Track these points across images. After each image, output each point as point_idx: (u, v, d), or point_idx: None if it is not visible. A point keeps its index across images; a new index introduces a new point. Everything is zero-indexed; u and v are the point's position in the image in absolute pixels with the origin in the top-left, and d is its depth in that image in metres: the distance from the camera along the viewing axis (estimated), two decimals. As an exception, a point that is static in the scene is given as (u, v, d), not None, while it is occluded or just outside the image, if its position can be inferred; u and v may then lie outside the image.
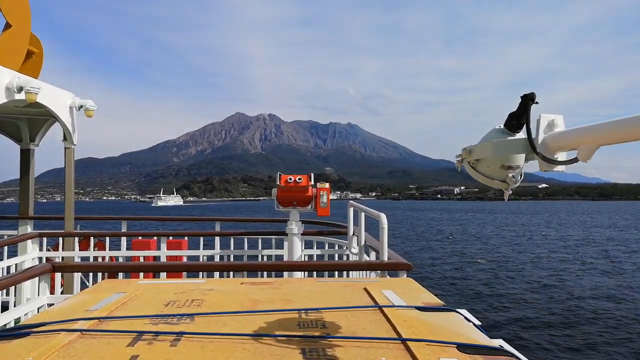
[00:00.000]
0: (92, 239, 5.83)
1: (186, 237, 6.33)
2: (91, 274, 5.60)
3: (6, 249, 5.03)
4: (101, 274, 5.01)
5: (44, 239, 5.56)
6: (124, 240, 5.64)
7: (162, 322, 1.59)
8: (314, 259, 5.46)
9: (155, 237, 6.09)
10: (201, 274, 4.57)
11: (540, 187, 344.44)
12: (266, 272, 4.89)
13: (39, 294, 3.35)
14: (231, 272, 3.59)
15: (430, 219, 73.51)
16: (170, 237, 5.91)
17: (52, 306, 1.89)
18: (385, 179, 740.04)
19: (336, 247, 5.45)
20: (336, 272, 4.47)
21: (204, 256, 5.68)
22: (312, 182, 5.14)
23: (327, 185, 5.22)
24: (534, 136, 1.16)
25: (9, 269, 5.05)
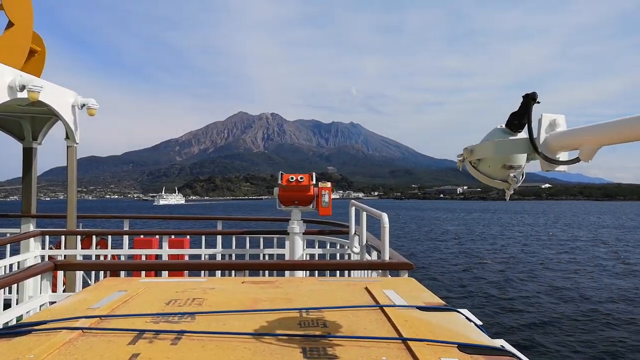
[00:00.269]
0: (94, 237, 5.85)
1: (188, 236, 6.34)
2: (93, 272, 5.62)
3: (9, 247, 5.05)
4: (103, 273, 5.03)
5: (47, 237, 5.58)
6: (125, 238, 5.66)
7: (163, 320, 1.60)
8: (316, 258, 5.46)
9: (157, 236, 6.10)
10: (203, 272, 4.58)
11: (543, 187, 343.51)
12: (268, 271, 4.89)
13: (41, 292, 3.36)
14: (233, 271, 3.60)
15: (434, 219, 73.24)
16: (172, 236, 5.91)
17: (54, 304, 1.90)
18: (387, 179, 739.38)
19: (338, 247, 5.44)
20: (337, 271, 4.47)
21: (205, 255, 5.68)
22: (314, 182, 5.13)
23: (328, 184, 5.22)
24: (535, 136, 1.15)
25: (11, 266, 5.07)
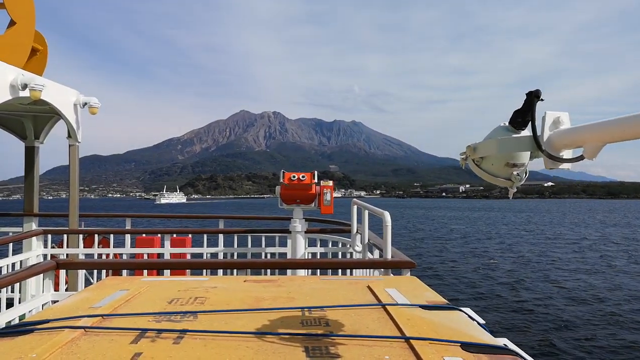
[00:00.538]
0: (96, 236, 5.86)
1: (190, 235, 6.34)
2: (95, 271, 5.64)
3: (11, 245, 5.06)
4: (105, 271, 5.04)
5: (49, 236, 5.59)
6: (127, 237, 5.66)
7: (165, 319, 1.60)
8: (318, 257, 5.45)
9: (159, 235, 6.11)
10: (204, 271, 4.58)
11: (546, 185, 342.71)
12: (269, 270, 4.89)
13: (43, 291, 3.36)
14: (235, 270, 3.59)
15: (439, 217, 73.03)
16: (174, 235, 5.92)
17: (56, 303, 1.90)
18: (389, 177, 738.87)
19: (340, 245, 5.44)
20: (339, 270, 4.46)
21: (207, 254, 5.69)
22: (316, 180, 5.13)
23: (330, 183, 5.21)
24: (539, 133, 1.14)
25: (13, 265, 5.09)
